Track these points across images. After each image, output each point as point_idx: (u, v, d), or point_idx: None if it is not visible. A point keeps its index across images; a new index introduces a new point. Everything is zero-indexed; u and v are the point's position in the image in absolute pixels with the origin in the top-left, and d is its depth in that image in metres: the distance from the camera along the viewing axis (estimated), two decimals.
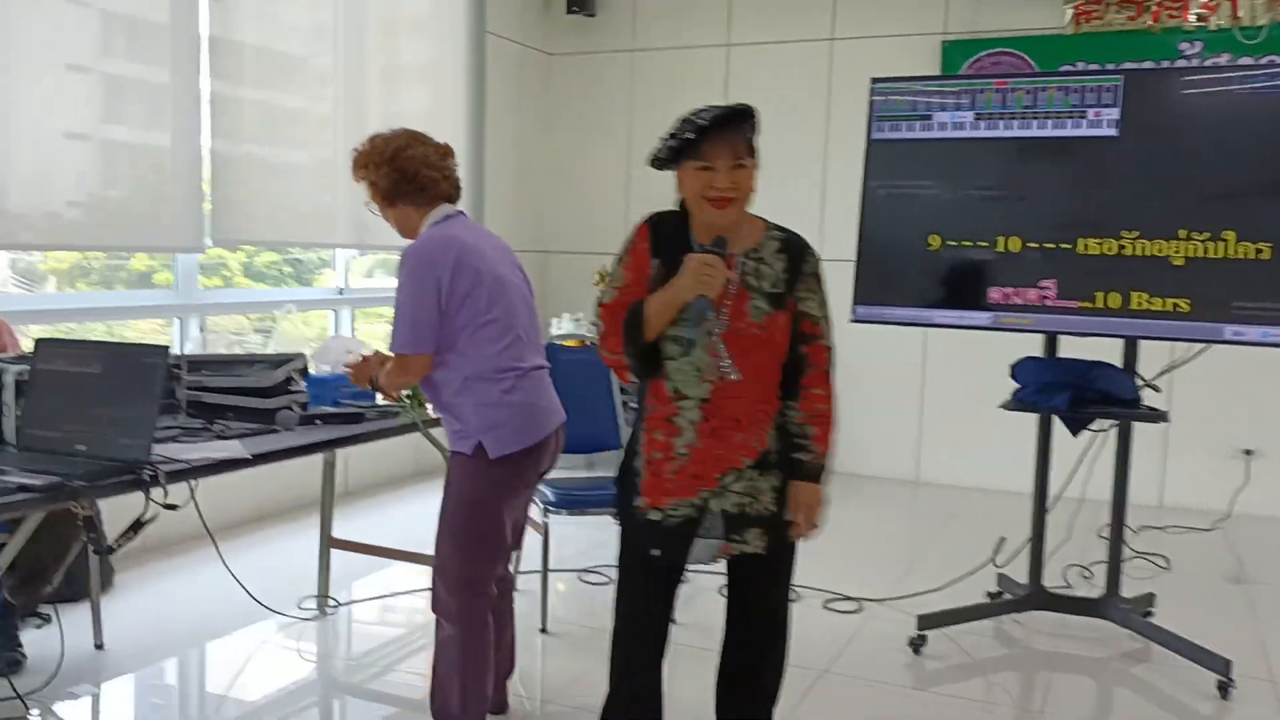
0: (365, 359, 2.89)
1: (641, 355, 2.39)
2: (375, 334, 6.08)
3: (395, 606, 4.08)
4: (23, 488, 2.16)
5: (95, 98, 4.18)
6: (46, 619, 3.56)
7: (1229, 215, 3.34)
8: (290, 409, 3.16)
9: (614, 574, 2.70)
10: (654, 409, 2.43)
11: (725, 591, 2.65)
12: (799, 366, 2.42)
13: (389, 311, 2.81)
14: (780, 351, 2.40)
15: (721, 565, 2.64)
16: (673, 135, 2.33)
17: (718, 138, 2.30)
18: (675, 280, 2.32)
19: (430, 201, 2.77)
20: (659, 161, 2.39)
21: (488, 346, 2.66)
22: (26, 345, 3.27)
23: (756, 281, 2.39)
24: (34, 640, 3.43)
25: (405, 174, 2.73)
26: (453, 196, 2.83)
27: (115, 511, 2.78)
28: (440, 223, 2.76)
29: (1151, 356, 3.77)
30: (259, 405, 3.15)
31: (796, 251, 2.44)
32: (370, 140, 2.80)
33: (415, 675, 3.43)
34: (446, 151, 2.85)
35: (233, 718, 3.12)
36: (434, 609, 2.77)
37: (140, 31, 4.33)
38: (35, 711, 3.04)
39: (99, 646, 3.51)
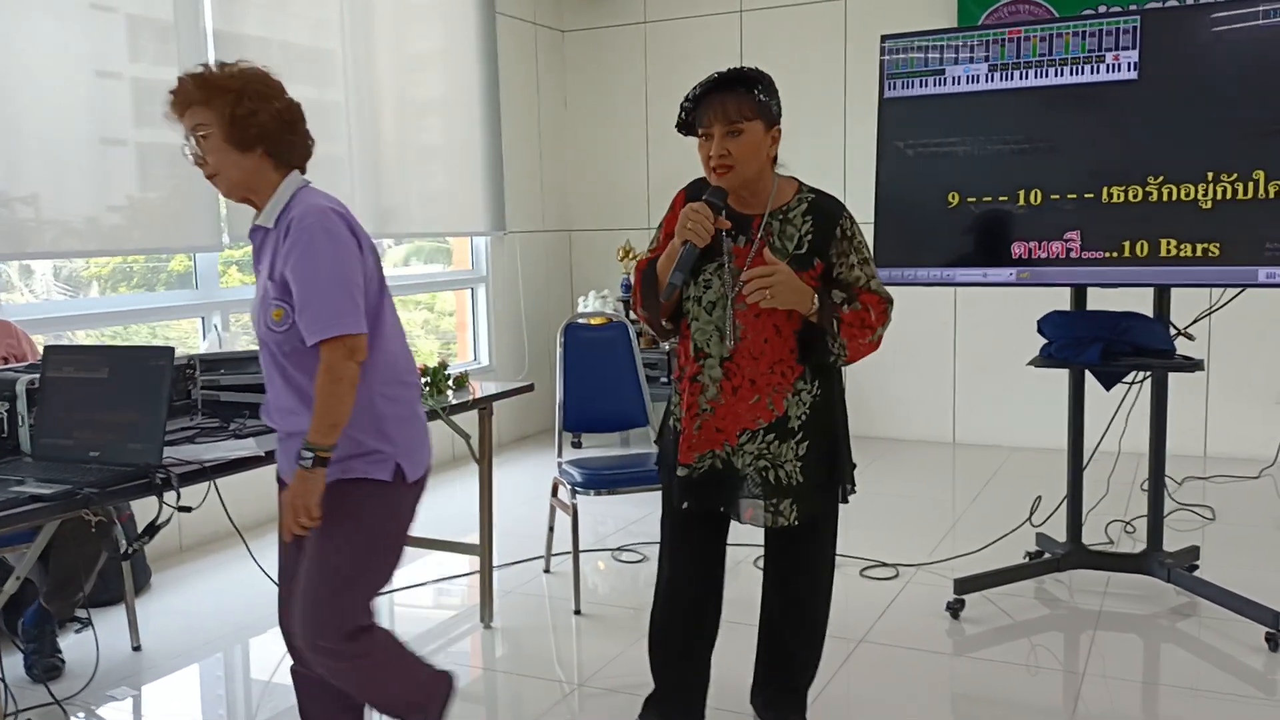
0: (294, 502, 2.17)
1: (657, 312, 2.44)
2: (409, 321, 6.08)
3: (424, 595, 4.07)
4: (34, 497, 2.16)
5: (107, 101, 4.17)
6: (84, 624, 3.60)
7: (1258, 154, 3.23)
8: None
9: (648, 550, 2.68)
10: (683, 368, 2.50)
11: (760, 564, 2.69)
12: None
13: (416, 298, 2.64)
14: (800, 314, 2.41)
15: (757, 534, 2.64)
16: (682, 107, 2.40)
17: (710, 105, 2.34)
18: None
19: (292, 163, 2.28)
20: (684, 127, 2.45)
21: (393, 343, 2.28)
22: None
23: (780, 242, 2.41)
24: (72, 645, 3.47)
25: (289, 122, 2.25)
26: (304, 166, 2.35)
27: (146, 516, 2.78)
28: (304, 189, 2.27)
29: (1186, 304, 3.67)
30: None
31: (825, 216, 2.44)
32: (239, 64, 2.24)
33: (453, 663, 3.42)
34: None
35: (269, 714, 3.13)
36: (324, 664, 2.26)
37: (146, 31, 4.32)
38: (79, 716, 3.07)
39: (136, 648, 3.54)
